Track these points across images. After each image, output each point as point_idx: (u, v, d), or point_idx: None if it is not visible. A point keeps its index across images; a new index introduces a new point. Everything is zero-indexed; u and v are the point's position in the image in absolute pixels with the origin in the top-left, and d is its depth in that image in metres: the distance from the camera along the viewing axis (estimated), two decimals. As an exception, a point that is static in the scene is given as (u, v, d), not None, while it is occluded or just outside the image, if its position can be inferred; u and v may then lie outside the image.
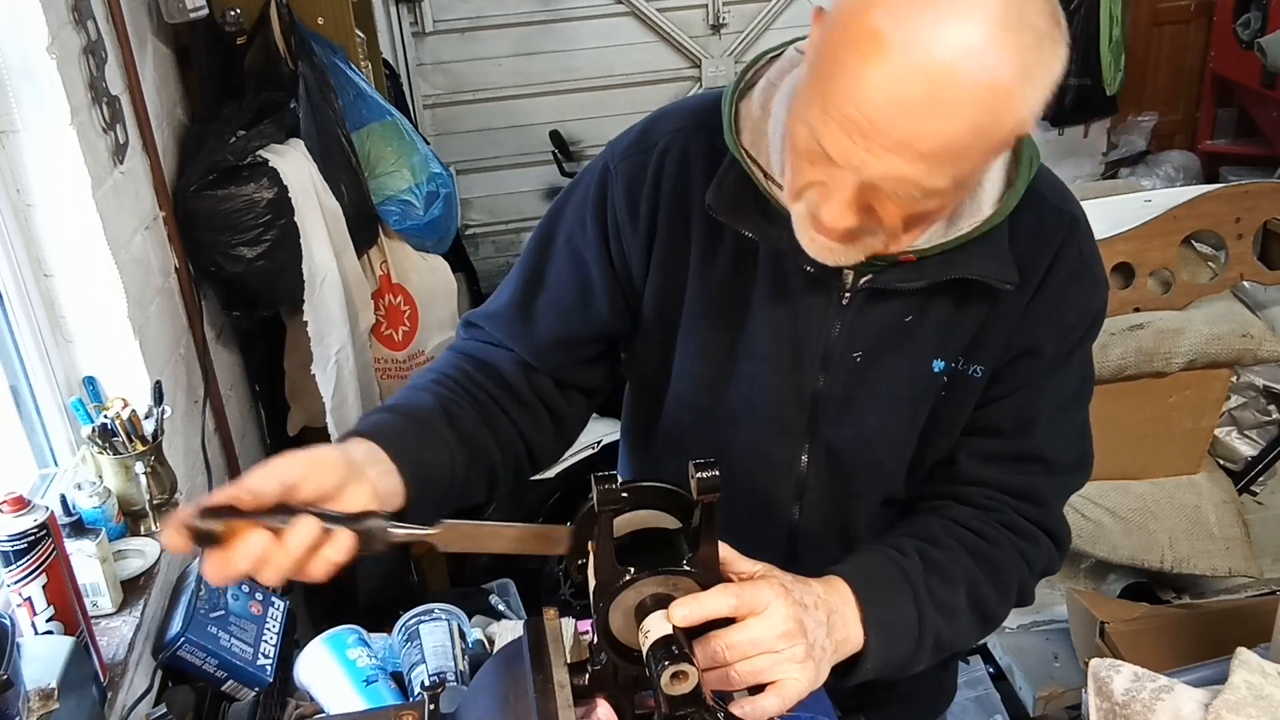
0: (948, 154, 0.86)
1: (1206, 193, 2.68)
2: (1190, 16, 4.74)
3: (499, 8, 4.28)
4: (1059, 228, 1.09)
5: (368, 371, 2.28)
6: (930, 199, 0.91)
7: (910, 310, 1.09)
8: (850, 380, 1.12)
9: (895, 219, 0.93)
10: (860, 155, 0.87)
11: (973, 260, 1.04)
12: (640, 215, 1.13)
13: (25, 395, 1.61)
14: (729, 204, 1.06)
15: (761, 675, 0.92)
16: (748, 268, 1.12)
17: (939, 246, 1.03)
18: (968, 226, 1.03)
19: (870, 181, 0.89)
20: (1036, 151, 1.07)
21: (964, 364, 1.10)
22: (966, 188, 0.98)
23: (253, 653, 1.47)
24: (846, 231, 0.94)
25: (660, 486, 0.98)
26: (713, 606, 0.90)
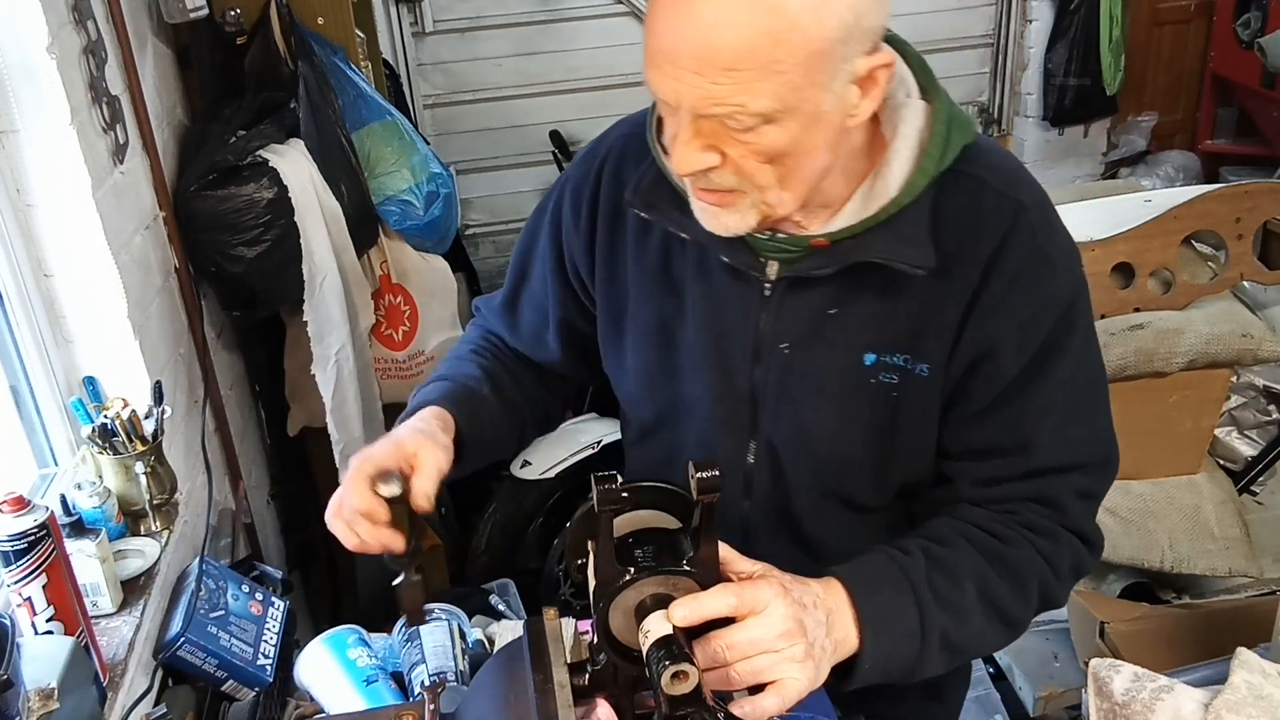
0: (751, 65, 0.87)
1: (1206, 193, 2.68)
2: (1190, 16, 4.74)
3: (499, 8, 4.27)
4: (1001, 215, 1.04)
5: (368, 371, 2.28)
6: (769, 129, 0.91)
7: (833, 302, 1.08)
8: (782, 373, 1.12)
9: (747, 158, 0.94)
10: (673, 85, 0.92)
11: (881, 244, 1.03)
12: (582, 217, 1.21)
13: (25, 395, 1.61)
14: (646, 198, 1.12)
15: (761, 675, 0.92)
16: (676, 263, 1.15)
17: (848, 230, 1.03)
18: (877, 208, 1.02)
19: (697, 112, 0.92)
20: (967, 133, 1.05)
21: (907, 361, 1.07)
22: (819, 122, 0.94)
23: (253, 653, 1.47)
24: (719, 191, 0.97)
25: (660, 486, 0.98)
26: (713, 606, 0.91)
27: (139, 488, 1.58)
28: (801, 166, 0.96)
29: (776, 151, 0.94)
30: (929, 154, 1.02)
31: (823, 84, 0.91)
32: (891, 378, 1.08)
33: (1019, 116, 4.76)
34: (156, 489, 1.60)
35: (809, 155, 0.96)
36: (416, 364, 2.45)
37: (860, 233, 1.03)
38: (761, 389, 1.13)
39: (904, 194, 1.02)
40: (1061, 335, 1.06)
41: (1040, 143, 4.77)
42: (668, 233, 1.13)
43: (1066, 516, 1.10)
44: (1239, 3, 4.46)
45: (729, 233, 1.02)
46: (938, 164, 1.02)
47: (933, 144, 1.02)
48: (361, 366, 2.22)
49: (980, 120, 4.79)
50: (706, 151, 0.95)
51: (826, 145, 0.96)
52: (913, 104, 1.03)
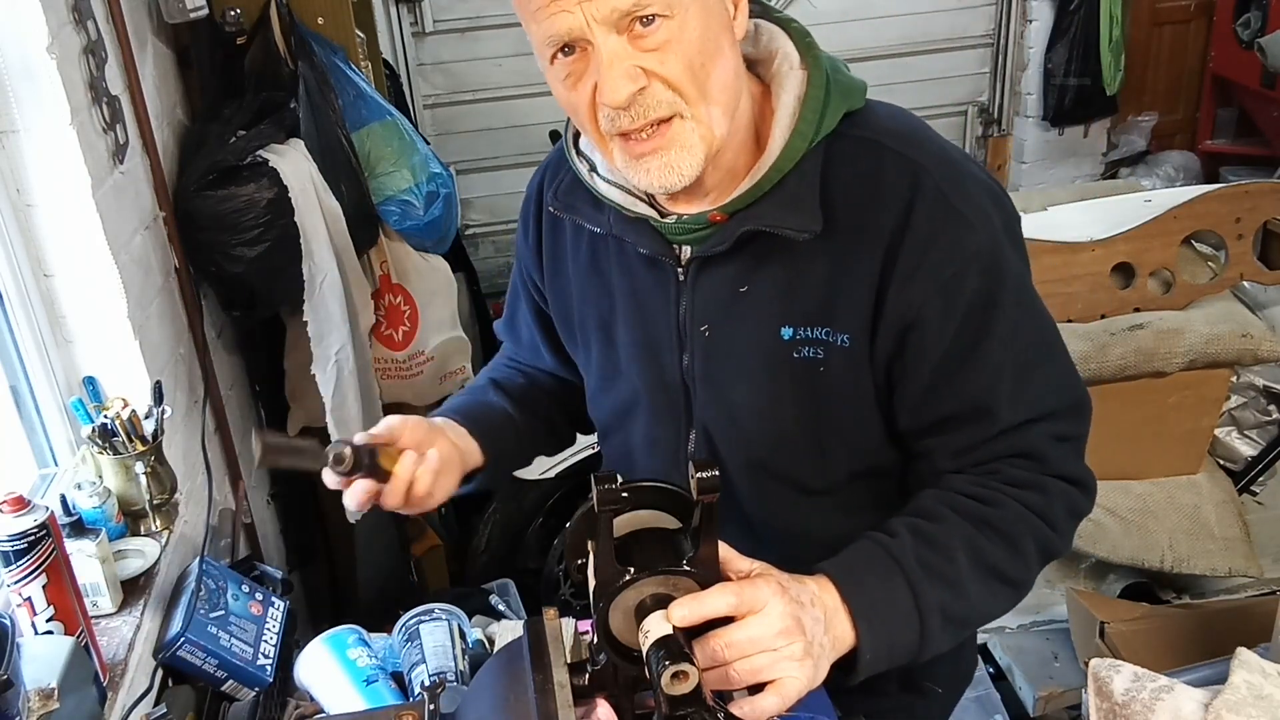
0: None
1: (1206, 193, 2.68)
2: (1190, 16, 4.74)
3: (499, 8, 4.27)
4: (901, 177, 1.03)
5: (368, 371, 2.28)
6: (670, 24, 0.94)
7: (742, 279, 1.08)
8: (705, 356, 1.13)
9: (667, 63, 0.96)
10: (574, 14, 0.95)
11: (767, 212, 1.04)
12: (529, 231, 1.29)
13: (25, 395, 1.61)
14: (564, 200, 1.17)
15: (760, 674, 0.92)
16: (603, 261, 1.19)
17: (739, 200, 1.05)
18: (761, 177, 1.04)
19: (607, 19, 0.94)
20: (853, 98, 1.06)
21: (828, 334, 1.06)
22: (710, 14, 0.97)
23: (253, 653, 1.47)
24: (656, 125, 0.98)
25: (660, 486, 0.98)
26: (712, 606, 0.91)
27: (139, 488, 1.58)
28: (718, 69, 0.98)
29: (690, 50, 0.96)
30: (805, 119, 1.03)
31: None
32: (816, 352, 1.07)
33: (1019, 116, 4.76)
34: (156, 489, 1.60)
35: (719, 55, 0.98)
36: (416, 364, 2.45)
37: (751, 204, 1.05)
38: (690, 374, 1.15)
39: (784, 159, 1.03)
40: (990, 291, 1.03)
41: (1040, 143, 4.77)
42: (594, 234, 1.17)
43: (1049, 464, 1.08)
44: (1239, 3, 4.46)
45: (681, 180, 1.01)
46: (815, 128, 1.03)
47: (808, 108, 1.03)
48: (361, 366, 2.22)
49: (980, 120, 4.79)
50: (631, 76, 0.96)
51: (729, 45, 0.99)
52: (794, 74, 1.05)
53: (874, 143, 1.05)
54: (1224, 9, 4.56)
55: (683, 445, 1.19)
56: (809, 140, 1.03)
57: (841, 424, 1.11)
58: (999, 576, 1.05)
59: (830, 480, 1.16)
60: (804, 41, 1.07)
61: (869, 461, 1.15)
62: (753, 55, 1.09)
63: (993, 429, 1.06)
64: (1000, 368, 1.04)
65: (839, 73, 1.07)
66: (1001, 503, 1.06)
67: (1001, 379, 1.05)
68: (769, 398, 1.11)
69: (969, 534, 1.04)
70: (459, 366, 2.56)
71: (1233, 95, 4.75)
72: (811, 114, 1.03)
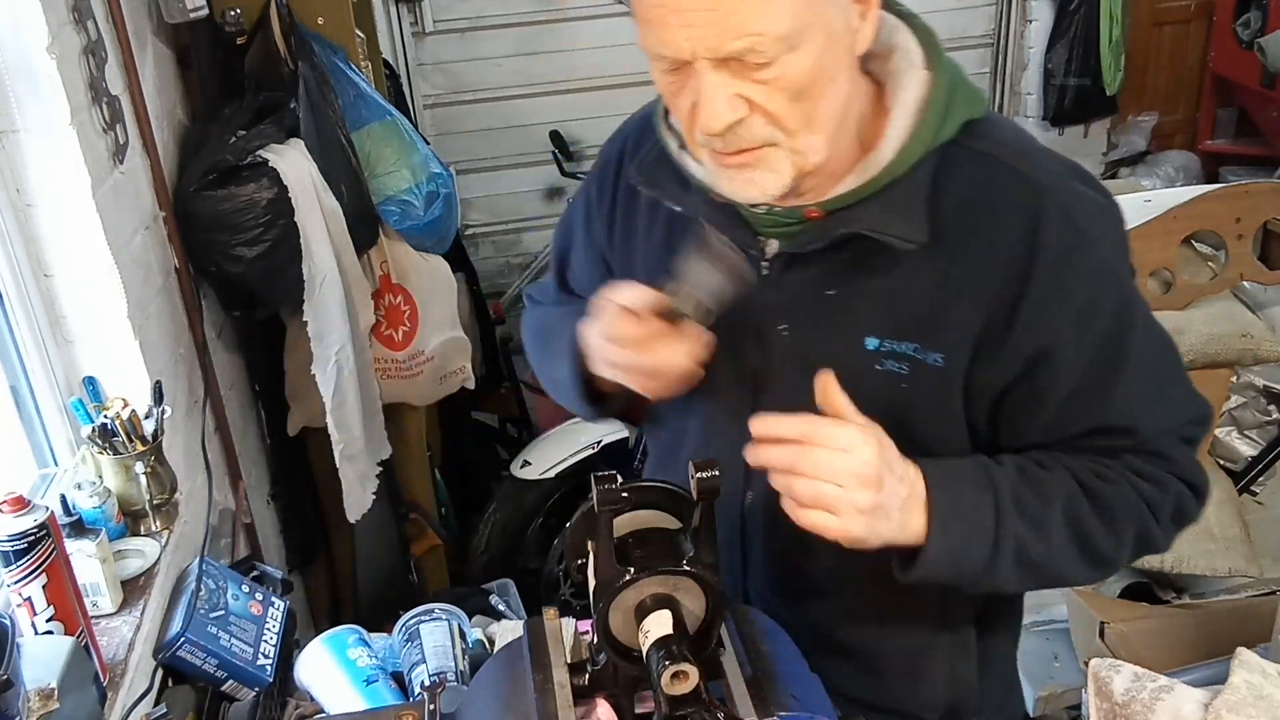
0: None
1: (1206, 193, 2.68)
2: (1190, 16, 4.74)
3: (499, 8, 4.27)
4: (1022, 196, 0.99)
5: (368, 371, 2.28)
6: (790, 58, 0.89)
7: (832, 281, 1.04)
8: (781, 356, 1.08)
9: (774, 98, 0.91)
10: (685, 34, 0.89)
11: (871, 215, 0.99)
12: (605, 197, 1.21)
13: (25, 395, 1.61)
14: (647, 175, 1.10)
15: (820, 500, 0.93)
16: (679, 242, 1.12)
17: (841, 200, 1.00)
18: (870, 178, 0.99)
19: (716, 57, 0.89)
20: (974, 107, 1.01)
21: (917, 350, 1.02)
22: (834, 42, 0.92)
23: (253, 653, 1.47)
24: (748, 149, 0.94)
25: (660, 486, 0.99)
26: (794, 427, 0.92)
27: (139, 488, 1.58)
28: (826, 98, 0.93)
29: (801, 84, 0.91)
30: (926, 122, 0.98)
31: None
32: (900, 367, 1.03)
33: (1019, 117, 4.76)
34: (156, 489, 1.60)
35: (831, 84, 0.93)
36: (416, 364, 2.45)
37: (853, 204, 1.00)
38: (762, 373, 1.10)
39: (897, 162, 0.98)
40: (1123, 313, 1.01)
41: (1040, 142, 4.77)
42: (673, 213, 1.11)
43: (1176, 465, 1.07)
44: (1239, 3, 4.46)
45: (764, 197, 0.98)
46: (935, 134, 0.98)
47: (930, 112, 0.98)
48: (361, 366, 2.22)
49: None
50: (734, 103, 0.92)
51: (844, 71, 0.94)
52: (915, 73, 1.00)
53: (989, 156, 1.00)
54: (1224, 9, 4.56)
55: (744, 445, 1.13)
56: (927, 145, 0.98)
57: (916, 441, 1.05)
58: (1086, 544, 1.04)
59: None
60: (929, 40, 1.02)
61: None
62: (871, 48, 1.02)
63: (1131, 441, 1.05)
64: (1140, 388, 1.03)
65: (962, 79, 1.02)
66: (1117, 482, 1.04)
67: (1142, 399, 1.03)
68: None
69: (1073, 493, 1.03)
70: (459, 366, 2.56)
71: (1233, 95, 4.75)
72: (934, 118, 0.98)
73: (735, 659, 1.01)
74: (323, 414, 2.17)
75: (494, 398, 3.37)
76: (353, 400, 2.20)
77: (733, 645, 1.02)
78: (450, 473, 3.10)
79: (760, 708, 0.94)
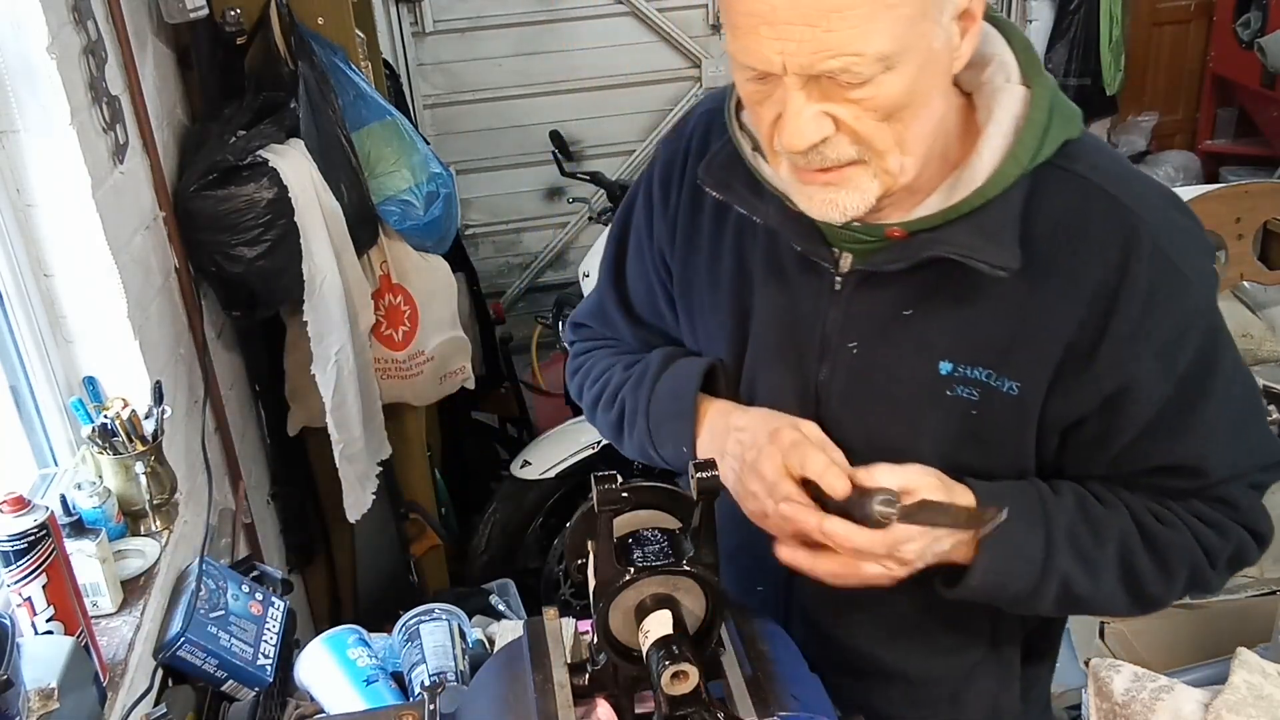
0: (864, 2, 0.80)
1: (1206, 193, 2.68)
2: (1190, 16, 4.74)
3: (499, 8, 4.28)
4: (1116, 226, 0.93)
5: (368, 371, 2.28)
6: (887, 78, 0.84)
7: (908, 301, 0.99)
8: (848, 374, 1.04)
9: (863, 119, 0.87)
10: (777, 47, 0.84)
11: (960, 238, 0.93)
12: (669, 197, 1.15)
13: (25, 395, 1.61)
14: (718, 177, 1.04)
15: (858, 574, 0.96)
16: (748, 249, 1.08)
17: (927, 220, 0.95)
18: (960, 198, 0.93)
19: (807, 74, 0.84)
20: (1071, 127, 0.95)
21: (990, 376, 0.97)
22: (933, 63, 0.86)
23: (253, 653, 1.47)
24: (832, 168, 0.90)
25: (660, 486, 0.98)
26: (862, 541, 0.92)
27: (139, 488, 1.58)
28: (920, 119, 0.88)
29: (895, 105, 0.86)
30: (1023, 143, 0.92)
31: (933, 17, 0.84)
32: (971, 393, 0.98)
33: (1019, 116, 4.76)
34: (156, 489, 1.60)
35: (926, 105, 0.88)
36: (416, 364, 2.45)
37: (939, 225, 0.94)
38: (826, 389, 1.05)
39: (991, 184, 0.92)
40: (1209, 353, 0.97)
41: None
42: (742, 217, 1.06)
43: (1240, 513, 1.03)
44: (1239, 3, 4.46)
45: (846, 216, 0.93)
46: (1033, 155, 0.92)
47: (1028, 132, 0.92)
48: (361, 366, 2.22)
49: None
50: (820, 121, 0.87)
51: (940, 92, 0.89)
52: (1012, 89, 0.94)
53: (1084, 180, 0.94)
54: (1224, 9, 4.56)
55: None
56: (1023, 167, 0.92)
57: (978, 470, 1.01)
58: (1135, 584, 1.02)
59: None
60: (1026, 54, 0.96)
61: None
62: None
63: (1198, 483, 1.02)
64: (1214, 429, 0.99)
65: (1059, 96, 0.95)
66: (1176, 526, 1.02)
67: (1215, 440, 1.00)
68: (910, 430, 1.02)
69: (1129, 532, 1.01)
70: (459, 366, 2.56)
71: (1233, 95, 4.75)
72: (1031, 138, 0.92)
73: (735, 659, 1.01)
74: (323, 414, 2.17)
75: (494, 398, 3.37)
76: (353, 400, 2.20)
77: (733, 645, 1.02)
78: (450, 473, 3.11)
79: (760, 708, 0.94)
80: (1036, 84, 0.94)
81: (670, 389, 1.14)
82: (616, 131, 4.59)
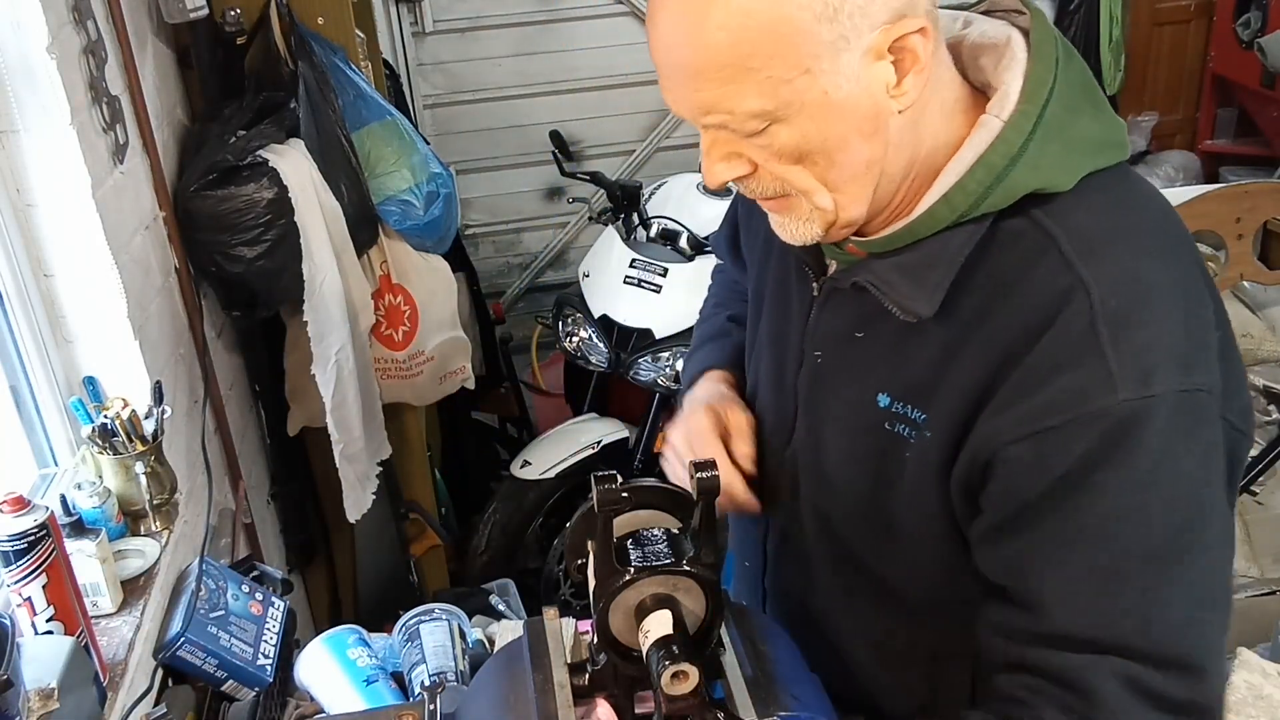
0: (721, 66, 0.81)
1: (1206, 193, 2.68)
2: (1190, 16, 4.74)
3: (499, 8, 4.28)
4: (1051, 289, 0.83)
5: (368, 371, 2.28)
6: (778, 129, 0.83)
7: (860, 325, 0.97)
8: (812, 383, 1.05)
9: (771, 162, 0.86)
10: (670, 98, 0.87)
11: (885, 271, 0.91)
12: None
13: (25, 395, 1.61)
14: None
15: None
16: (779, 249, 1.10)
17: (880, 242, 0.92)
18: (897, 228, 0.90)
19: (698, 123, 0.87)
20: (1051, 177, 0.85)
21: (922, 419, 0.91)
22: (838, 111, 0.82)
23: (253, 653, 1.47)
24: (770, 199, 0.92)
25: (660, 486, 0.99)
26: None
27: (139, 488, 1.58)
28: (838, 164, 0.85)
29: (797, 151, 0.85)
30: (961, 185, 0.86)
31: (821, 70, 0.80)
32: (908, 433, 0.93)
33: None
34: (156, 489, 1.60)
35: (841, 150, 0.84)
36: (416, 364, 2.45)
37: (884, 251, 0.92)
38: (799, 391, 1.07)
39: (919, 224, 0.88)
40: (1098, 465, 0.80)
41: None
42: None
43: (1099, 710, 0.81)
44: (1239, 3, 4.47)
45: (799, 242, 0.93)
46: (971, 199, 0.86)
47: (970, 176, 0.85)
48: (361, 366, 2.22)
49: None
50: (730, 161, 0.88)
51: (862, 135, 0.84)
52: (992, 124, 0.87)
53: (1048, 237, 0.84)
54: (1224, 9, 4.56)
55: (780, 453, 1.11)
56: (958, 213, 0.86)
57: (913, 520, 0.96)
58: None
59: (893, 567, 1.02)
60: (1035, 86, 0.86)
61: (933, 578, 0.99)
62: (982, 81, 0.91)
63: (1034, 628, 0.85)
64: (1068, 561, 0.83)
65: (1053, 141, 0.85)
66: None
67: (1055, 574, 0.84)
68: (852, 456, 1.00)
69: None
70: (459, 366, 2.56)
71: (1233, 95, 4.75)
72: (975, 184, 0.85)
73: (735, 659, 1.01)
74: (323, 414, 2.17)
75: (494, 398, 3.38)
76: (353, 400, 2.20)
77: (733, 645, 1.02)
78: (450, 473, 3.11)
79: (760, 708, 0.94)
80: (1013, 124, 0.85)
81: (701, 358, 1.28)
82: (616, 131, 4.59)
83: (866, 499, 0.99)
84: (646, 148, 4.64)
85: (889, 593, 1.03)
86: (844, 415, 1.00)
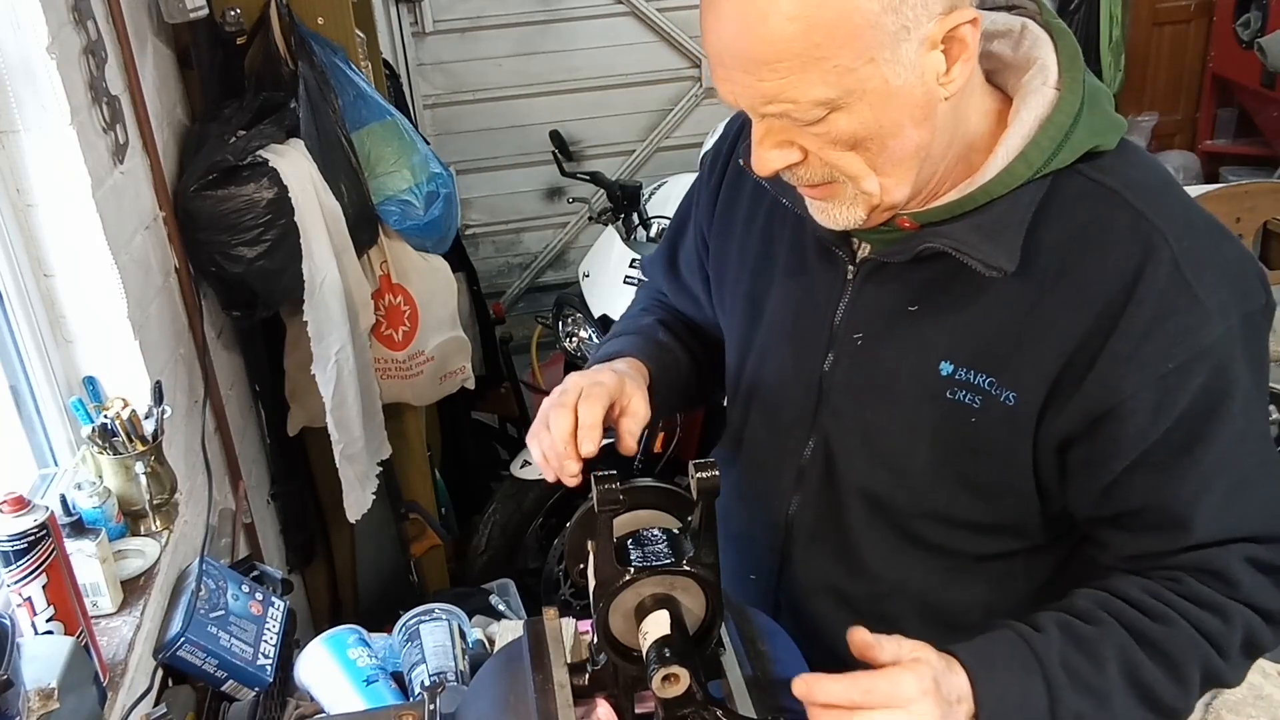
0: (790, 56, 0.83)
1: (1206, 193, 2.69)
2: (1190, 16, 4.74)
3: (499, 8, 4.28)
4: (1133, 239, 0.90)
5: (368, 371, 2.28)
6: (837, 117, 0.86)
7: (915, 297, 0.99)
8: (851, 366, 1.04)
9: (826, 149, 0.90)
10: (729, 87, 0.89)
11: (960, 233, 0.93)
12: (715, 173, 1.19)
13: (25, 395, 1.61)
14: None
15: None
16: (776, 233, 1.10)
17: (935, 212, 0.95)
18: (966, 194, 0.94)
19: (756, 112, 0.89)
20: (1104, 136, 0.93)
21: (993, 385, 0.95)
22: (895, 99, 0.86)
23: (253, 653, 1.47)
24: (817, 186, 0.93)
25: (660, 486, 0.99)
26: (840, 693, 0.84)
27: (139, 488, 1.58)
28: (889, 149, 0.89)
29: (853, 138, 0.88)
30: (1037, 144, 0.91)
31: (884, 59, 0.84)
32: (972, 399, 0.96)
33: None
34: (156, 489, 1.60)
35: (895, 136, 0.88)
36: (416, 364, 2.45)
37: (945, 219, 0.95)
38: (829, 380, 1.06)
39: (996, 183, 0.92)
40: (1218, 395, 0.90)
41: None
42: (775, 202, 1.08)
43: (1238, 590, 0.94)
44: (1239, 3, 4.47)
45: (841, 226, 0.95)
46: (1047, 158, 0.91)
47: (1043, 134, 0.91)
48: (361, 366, 2.22)
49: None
50: (783, 149, 0.90)
51: (914, 121, 0.88)
52: (1044, 92, 0.93)
53: (1112, 192, 0.92)
54: (1224, 9, 4.56)
55: (800, 450, 1.10)
56: (1035, 169, 0.91)
57: (978, 482, 0.99)
58: (1151, 700, 0.94)
59: (947, 537, 1.05)
60: (1070, 58, 0.95)
61: (998, 531, 1.04)
62: (1009, 59, 0.97)
63: (1184, 542, 0.94)
64: (1209, 479, 0.92)
65: (1098, 104, 0.94)
66: (1173, 620, 0.93)
67: (1209, 491, 0.92)
68: (907, 430, 1.01)
69: (1126, 646, 0.93)
70: (459, 366, 2.56)
71: (1233, 95, 4.75)
72: (1048, 140, 0.91)
73: (735, 659, 1.01)
74: (323, 414, 2.17)
75: (494, 398, 3.38)
76: (353, 400, 2.20)
77: (733, 645, 1.02)
78: (450, 473, 3.10)
79: (760, 708, 0.94)
80: (1068, 89, 0.93)
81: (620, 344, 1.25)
82: (616, 131, 4.60)
83: (928, 473, 1.02)
84: (646, 148, 4.65)
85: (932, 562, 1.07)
86: (897, 390, 1.01)
